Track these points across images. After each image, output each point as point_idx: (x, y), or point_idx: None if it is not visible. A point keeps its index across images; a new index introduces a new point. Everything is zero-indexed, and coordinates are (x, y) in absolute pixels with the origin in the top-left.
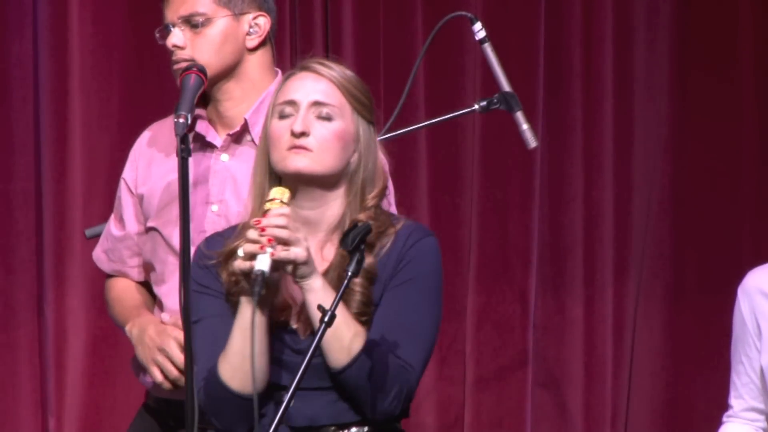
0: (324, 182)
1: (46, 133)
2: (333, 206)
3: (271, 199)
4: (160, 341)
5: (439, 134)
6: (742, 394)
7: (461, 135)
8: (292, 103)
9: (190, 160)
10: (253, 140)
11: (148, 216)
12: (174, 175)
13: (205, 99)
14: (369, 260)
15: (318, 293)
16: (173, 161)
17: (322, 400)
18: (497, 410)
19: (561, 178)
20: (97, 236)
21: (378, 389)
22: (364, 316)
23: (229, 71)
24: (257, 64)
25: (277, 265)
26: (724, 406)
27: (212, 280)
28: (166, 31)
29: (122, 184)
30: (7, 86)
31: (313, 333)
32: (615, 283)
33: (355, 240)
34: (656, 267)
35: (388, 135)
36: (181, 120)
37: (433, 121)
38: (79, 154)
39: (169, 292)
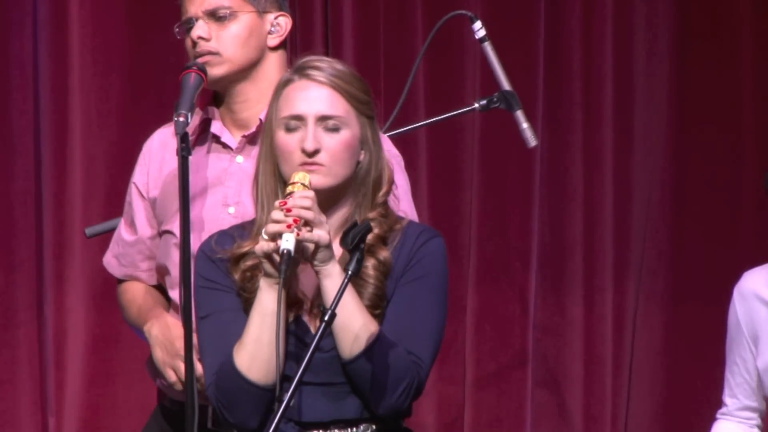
0: (336, 189)
1: (46, 132)
2: (344, 206)
3: (293, 183)
4: (179, 346)
5: (438, 133)
6: (736, 394)
7: (461, 134)
8: (298, 117)
9: (207, 160)
10: None
11: (162, 220)
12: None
13: (218, 99)
14: (384, 254)
15: (335, 279)
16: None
17: (331, 396)
18: (497, 410)
19: (561, 177)
20: (98, 235)
21: (387, 382)
22: (377, 309)
23: (249, 68)
24: (275, 64)
25: (300, 246)
26: (721, 405)
27: (221, 275)
28: (187, 26)
29: (133, 189)
30: (7, 86)
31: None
32: (615, 283)
33: (355, 239)
34: (656, 267)
35: (388, 134)
36: (181, 119)
37: (433, 119)
38: (78, 153)
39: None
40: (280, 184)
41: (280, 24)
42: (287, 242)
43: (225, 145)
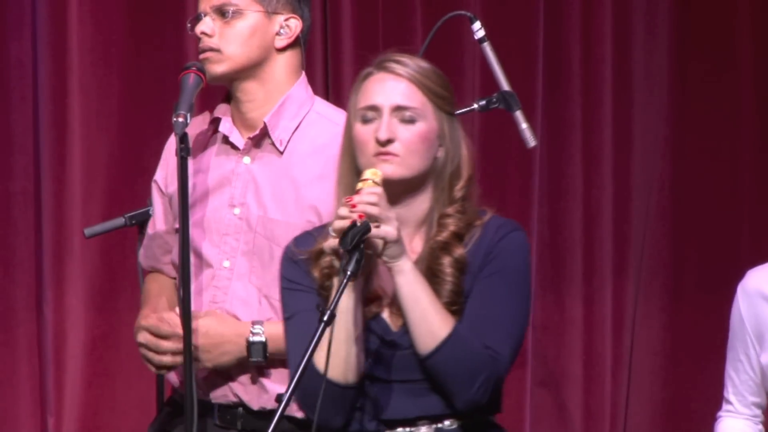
0: (412, 182)
1: (46, 132)
2: (421, 201)
3: (364, 179)
4: (136, 332)
5: None
6: (741, 391)
7: None
8: (374, 108)
9: (216, 160)
10: (273, 143)
11: (175, 217)
12: (198, 176)
13: (229, 98)
14: (459, 251)
15: (408, 275)
16: (197, 161)
17: (413, 393)
18: None
19: (560, 177)
20: (97, 235)
21: (465, 376)
22: (454, 305)
23: (252, 67)
24: (283, 65)
25: (368, 242)
26: (721, 404)
27: (303, 275)
28: (197, 21)
29: (154, 186)
30: (7, 86)
31: (405, 324)
32: (614, 283)
33: (354, 239)
34: (655, 266)
35: None
36: (180, 119)
37: None
38: (78, 153)
39: (194, 293)
40: (357, 181)
41: (290, 26)
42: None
43: (233, 145)
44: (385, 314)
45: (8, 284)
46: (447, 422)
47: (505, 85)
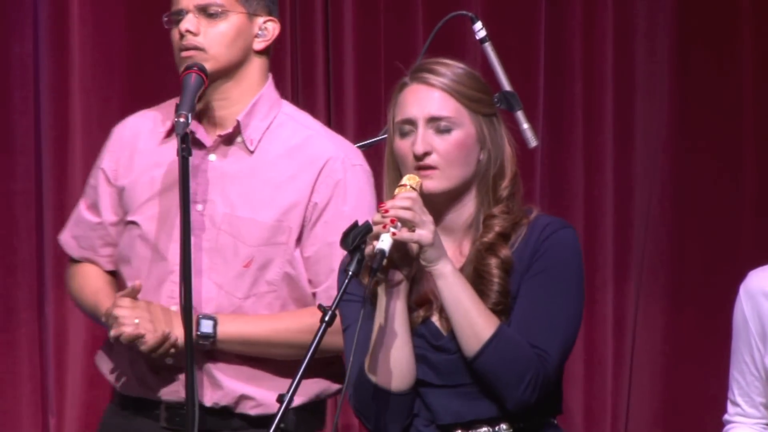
0: (457, 190)
1: (47, 133)
2: (467, 205)
3: (401, 185)
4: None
5: None
6: (747, 392)
7: None
8: (409, 121)
9: (176, 156)
10: (243, 142)
11: (129, 209)
12: (158, 170)
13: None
14: (505, 252)
15: (448, 279)
16: (157, 155)
17: (466, 397)
18: None
19: (561, 177)
20: None
21: (511, 377)
22: (500, 305)
23: (232, 69)
24: (258, 67)
25: (401, 246)
26: (724, 406)
27: (356, 285)
28: (177, 17)
29: (99, 174)
30: (8, 86)
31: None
32: (615, 283)
33: (355, 239)
34: (656, 266)
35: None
36: (182, 119)
37: None
38: (79, 153)
39: (148, 287)
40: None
41: (268, 29)
42: (382, 242)
43: (198, 142)
44: (435, 318)
45: (10, 284)
46: (503, 425)
47: (507, 85)
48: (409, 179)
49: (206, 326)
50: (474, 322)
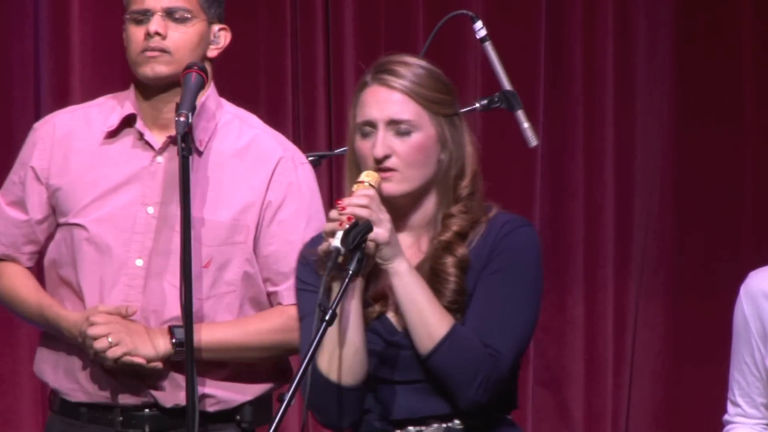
0: (417, 191)
1: None
2: (427, 204)
3: (359, 182)
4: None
5: None
6: (748, 393)
7: None
8: (370, 123)
9: (126, 156)
10: (193, 143)
11: (67, 211)
12: (101, 171)
13: (141, 96)
14: (462, 251)
15: (403, 277)
16: (99, 155)
17: (420, 393)
18: None
19: (562, 176)
20: None
21: (464, 376)
22: (456, 304)
23: None
24: (208, 72)
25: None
26: (724, 406)
27: (314, 276)
28: (141, 16)
29: (28, 172)
30: (8, 85)
31: None
32: (616, 282)
33: (356, 239)
34: (657, 265)
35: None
36: (182, 119)
37: None
38: None
39: (93, 289)
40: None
41: (221, 37)
42: (337, 240)
43: (147, 143)
44: (390, 314)
45: None
46: (456, 421)
47: (507, 85)
48: (367, 175)
49: (181, 334)
50: (428, 321)
